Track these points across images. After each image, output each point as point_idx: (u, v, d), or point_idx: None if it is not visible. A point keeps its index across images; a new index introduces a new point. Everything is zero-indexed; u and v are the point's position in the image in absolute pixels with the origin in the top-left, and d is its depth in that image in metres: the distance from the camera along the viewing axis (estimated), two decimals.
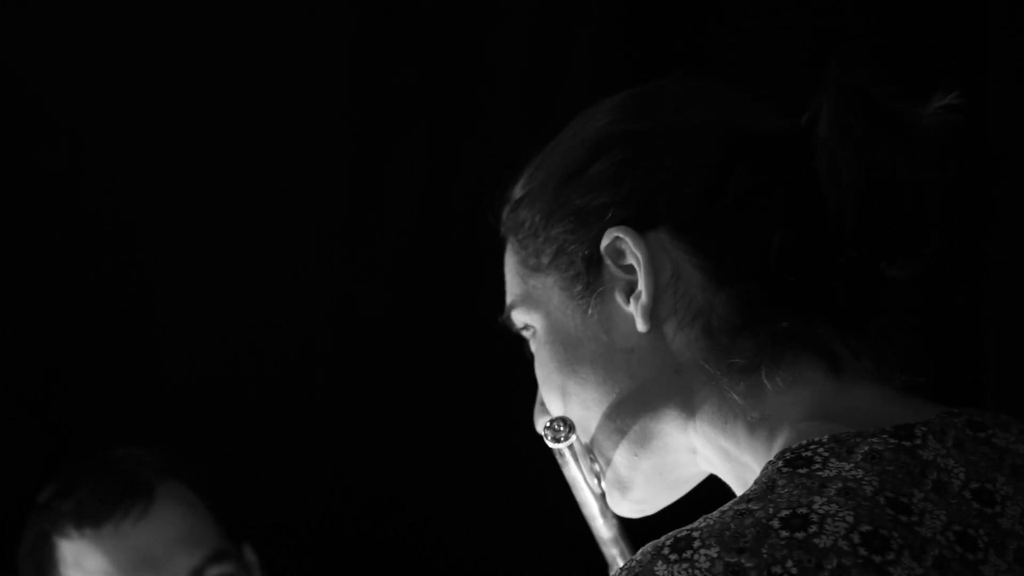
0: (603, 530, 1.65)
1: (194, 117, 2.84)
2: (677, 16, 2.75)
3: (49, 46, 2.80)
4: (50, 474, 2.49)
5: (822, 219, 1.40)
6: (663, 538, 1.26)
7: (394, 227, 2.87)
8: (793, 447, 1.32)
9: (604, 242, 1.43)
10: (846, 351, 1.42)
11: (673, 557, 1.22)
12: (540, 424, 1.56)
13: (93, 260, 2.84)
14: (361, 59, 2.86)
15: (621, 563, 1.66)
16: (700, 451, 1.45)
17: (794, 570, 1.19)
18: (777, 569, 1.20)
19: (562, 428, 1.50)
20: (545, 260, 1.49)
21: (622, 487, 1.51)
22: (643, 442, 1.46)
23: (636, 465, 1.48)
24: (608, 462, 1.50)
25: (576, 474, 1.56)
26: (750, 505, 1.26)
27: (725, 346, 1.40)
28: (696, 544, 1.23)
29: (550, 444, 1.51)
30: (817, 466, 1.29)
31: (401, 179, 2.86)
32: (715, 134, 1.44)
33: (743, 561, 1.20)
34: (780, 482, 1.28)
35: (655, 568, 1.22)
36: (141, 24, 2.83)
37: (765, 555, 1.20)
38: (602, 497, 1.57)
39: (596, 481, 1.54)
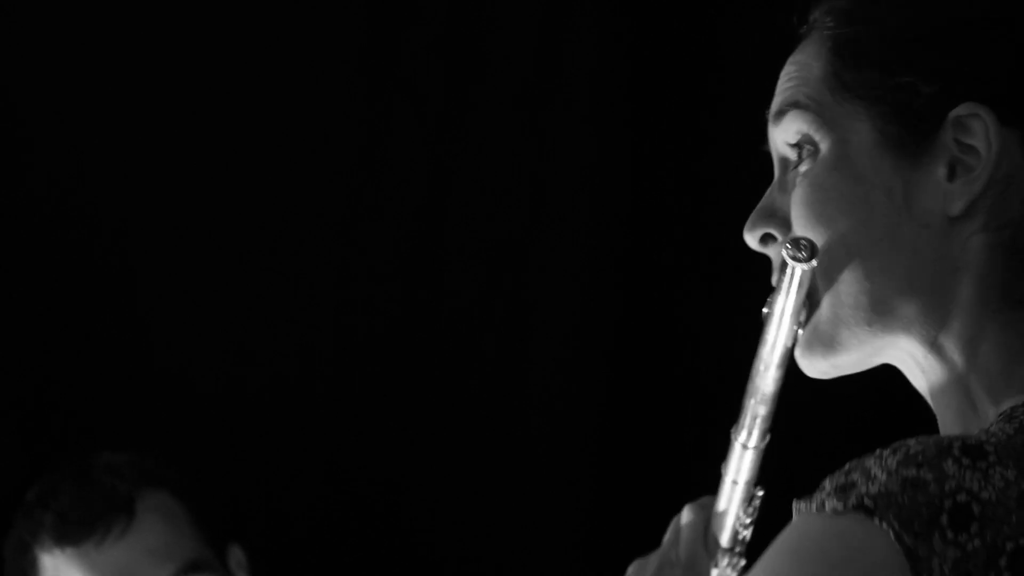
0: (767, 382, 1.49)
1: (195, 118, 2.84)
2: (678, 11, 2.75)
3: (52, 37, 2.81)
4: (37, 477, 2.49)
5: None
6: (943, 438, 1.19)
7: (394, 226, 2.87)
8: None
9: (959, 111, 1.33)
10: None
11: (966, 462, 1.17)
12: (757, 232, 1.43)
13: (94, 259, 2.84)
14: (360, 59, 2.85)
15: (758, 424, 1.54)
16: (919, 355, 1.36)
17: None
18: None
19: (806, 248, 1.36)
20: (874, 91, 1.36)
21: (831, 345, 1.39)
22: (882, 316, 1.36)
23: (860, 334, 1.37)
24: (834, 316, 1.38)
25: (786, 307, 1.41)
26: None
27: (1018, 269, 1.33)
28: (992, 458, 1.18)
29: (788, 260, 1.36)
30: None
31: (401, 177, 2.86)
32: None
33: None
34: None
35: (944, 464, 1.17)
36: (140, 22, 2.83)
37: None
38: (791, 349, 1.46)
39: (798, 328, 1.42)
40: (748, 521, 1.64)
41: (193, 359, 2.85)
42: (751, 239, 1.44)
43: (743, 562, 1.66)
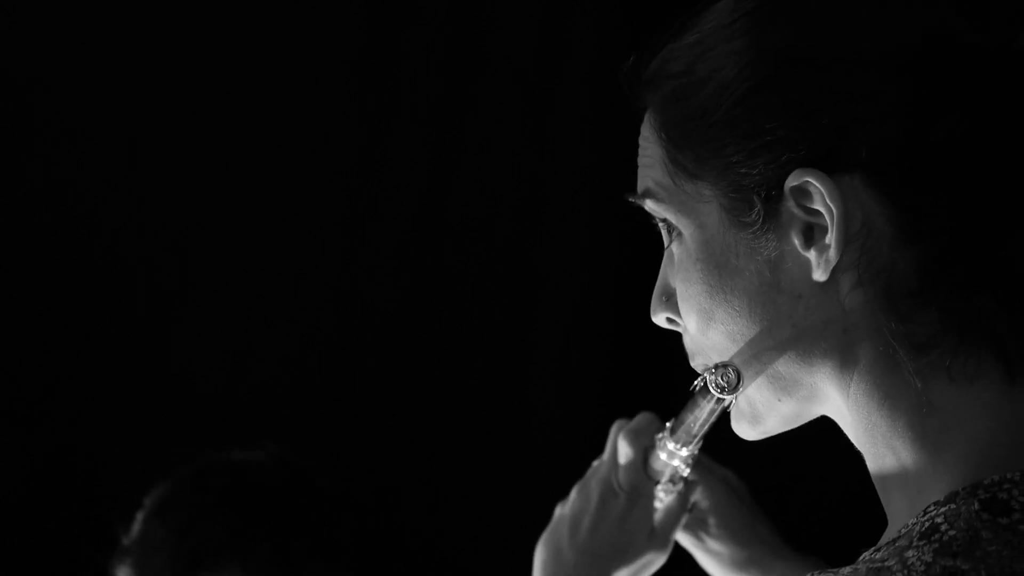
0: (698, 429, 1.54)
1: (195, 118, 2.85)
2: (677, 11, 2.75)
3: (53, 38, 2.81)
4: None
5: None
6: None
7: (394, 226, 2.87)
8: (986, 483, 1.20)
9: (791, 183, 1.25)
10: (1020, 356, 1.25)
11: None
12: (660, 318, 1.41)
13: (94, 258, 2.84)
14: (360, 59, 2.85)
15: (687, 444, 1.59)
16: (843, 415, 1.31)
17: None
18: None
19: (732, 380, 1.34)
20: (706, 172, 1.30)
21: (754, 421, 1.36)
22: (790, 390, 1.32)
23: (776, 408, 1.33)
24: (747, 398, 1.35)
25: (704, 419, 1.47)
26: (958, 563, 1.14)
27: (904, 314, 1.25)
28: None
29: (714, 391, 1.35)
30: (1017, 516, 1.17)
31: (401, 174, 2.86)
32: (919, 54, 1.25)
33: None
34: (985, 535, 1.16)
35: None
36: (139, 21, 2.83)
37: None
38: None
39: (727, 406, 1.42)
40: (688, 469, 1.67)
41: (193, 358, 2.85)
42: (657, 323, 1.43)
43: (683, 483, 1.70)
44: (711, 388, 1.35)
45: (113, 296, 2.85)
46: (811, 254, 1.27)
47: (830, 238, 1.25)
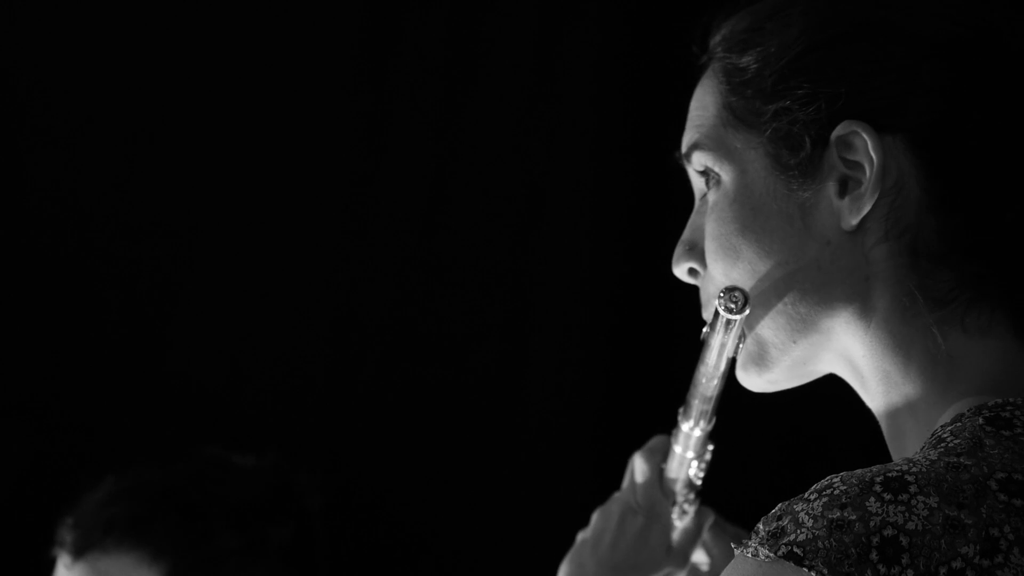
0: (709, 389, 1.60)
1: (194, 117, 2.85)
2: (677, 9, 2.76)
3: (52, 37, 2.82)
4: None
5: None
6: (867, 473, 1.23)
7: (394, 225, 2.87)
8: (990, 404, 1.31)
9: (839, 131, 1.38)
10: None
11: (887, 496, 1.21)
12: (682, 268, 1.50)
13: (93, 258, 2.84)
14: (360, 58, 2.86)
15: (704, 416, 1.65)
16: (855, 362, 1.41)
17: (1011, 536, 1.21)
18: (995, 531, 1.21)
19: (740, 300, 1.42)
20: (760, 119, 1.42)
21: (763, 365, 1.46)
22: (806, 332, 1.42)
23: (789, 351, 1.44)
24: (759, 339, 1.45)
25: (721, 343, 1.49)
26: (962, 460, 1.25)
27: (925, 270, 1.37)
28: (912, 489, 1.22)
29: (722, 312, 1.43)
30: (1019, 431, 1.28)
31: (401, 175, 2.86)
32: (976, 47, 1.39)
33: (963, 517, 1.21)
34: (988, 441, 1.27)
35: (867, 502, 1.21)
36: (139, 21, 2.83)
37: (984, 515, 1.21)
38: (730, 365, 1.53)
39: (734, 351, 1.49)
40: (702, 474, 1.74)
41: (191, 360, 2.85)
42: (678, 273, 1.52)
43: (698, 501, 1.77)
44: (720, 310, 1.43)
45: (113, 295, 2.85)
46: (844, 202, 1.38)
47: (865, 187, 1.37)
